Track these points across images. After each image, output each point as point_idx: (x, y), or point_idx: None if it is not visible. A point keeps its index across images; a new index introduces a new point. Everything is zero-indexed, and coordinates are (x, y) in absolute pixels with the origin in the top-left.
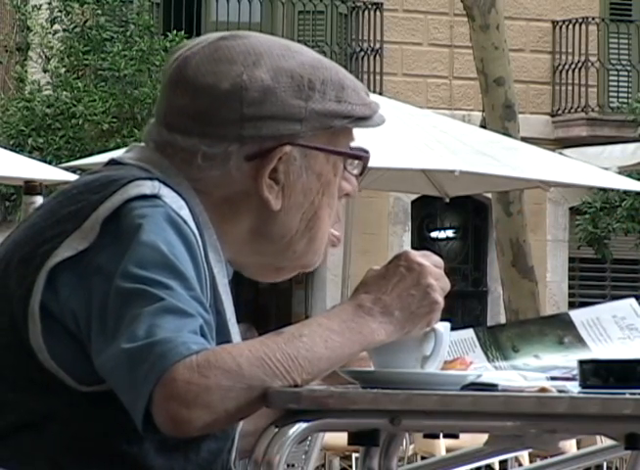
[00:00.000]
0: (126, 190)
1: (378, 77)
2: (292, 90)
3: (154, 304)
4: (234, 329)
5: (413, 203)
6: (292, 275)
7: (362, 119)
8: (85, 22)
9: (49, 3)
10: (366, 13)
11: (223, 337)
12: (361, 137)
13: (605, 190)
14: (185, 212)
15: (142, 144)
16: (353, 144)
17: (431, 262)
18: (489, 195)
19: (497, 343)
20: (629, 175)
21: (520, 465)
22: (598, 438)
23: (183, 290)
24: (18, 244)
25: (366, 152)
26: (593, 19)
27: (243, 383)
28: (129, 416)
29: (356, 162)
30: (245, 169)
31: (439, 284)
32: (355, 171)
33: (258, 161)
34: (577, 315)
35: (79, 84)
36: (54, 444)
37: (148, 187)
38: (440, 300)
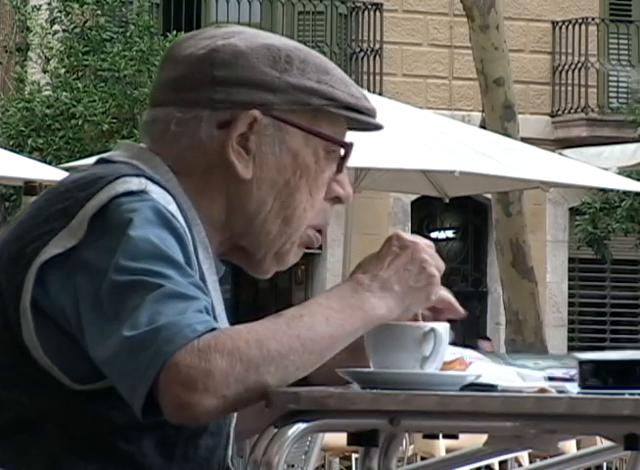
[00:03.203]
0: (113, 187)
1: (377, 78)
2: (266, 59)
3: (153, 291)
4: (223, 325)
5: (413, 203)
6: (272, 272)
7: (348, 109)
8: (85, 22)
9: (49, 3)
10: (366, 13)
11: None
12: (361, 138)
13: (604, 190)
14: (173, 207)
15: (129, 142)
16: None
17: (422, 242)
18: (489, 195)
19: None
20: (629, 176)
21: (519, 465)
22: (598, 438)
23: (181, 277)
24: (7, 242)
25: (349, 143)
26: (593, 19)
27: (241, 367)
28: (126, 415)
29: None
30: (215, 136)
31: (434, 262)
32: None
33: (229, 128)
34: None
35: (79, 85)
36: (51, 442)
37: (135, 183)
38: (437, 273)
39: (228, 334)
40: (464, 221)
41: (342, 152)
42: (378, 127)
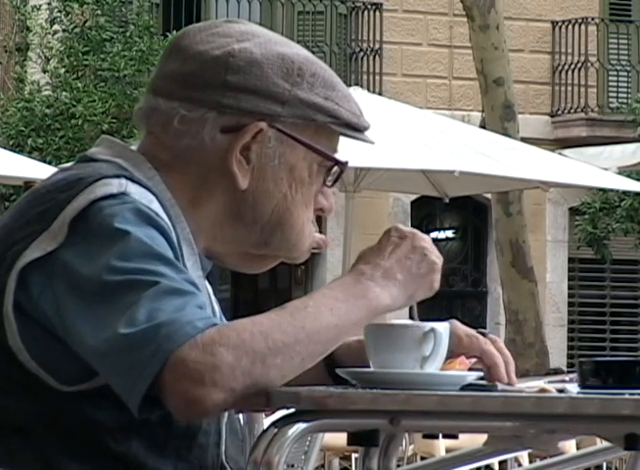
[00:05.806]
0: (93, 189)
1: (377, 78)
2: (279, 70)
3: (149, 289)
4: None
5: (413, 203)
6: (273, 265)
7: (348, 126)
8: (85, 22)
9: (49, 3)
10: (366, 13)
11: None
12: None
13: (604, 190)
14: (155, 205)
15: (112, 138)
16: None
17: (420, 233)
18: (489, 195)
19: None
20: (629, 175)
21: (519, 465)
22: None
23: (174, 273)
24: None
25: (344, 162)
26: (593, 19)
27: (248, 359)
28: (113, 416)
29: (334, 170)
30: (218, 141)
31: (434, 251)
32: (330, 182)
33: (233, 135)
34: None
35: (79, 85)
36: (43, 444)
37: (115, 186)
38: (438, 261)
39: (232, 327)
40: (464, 221)
41: (337, 169)
42: (369, 142)
